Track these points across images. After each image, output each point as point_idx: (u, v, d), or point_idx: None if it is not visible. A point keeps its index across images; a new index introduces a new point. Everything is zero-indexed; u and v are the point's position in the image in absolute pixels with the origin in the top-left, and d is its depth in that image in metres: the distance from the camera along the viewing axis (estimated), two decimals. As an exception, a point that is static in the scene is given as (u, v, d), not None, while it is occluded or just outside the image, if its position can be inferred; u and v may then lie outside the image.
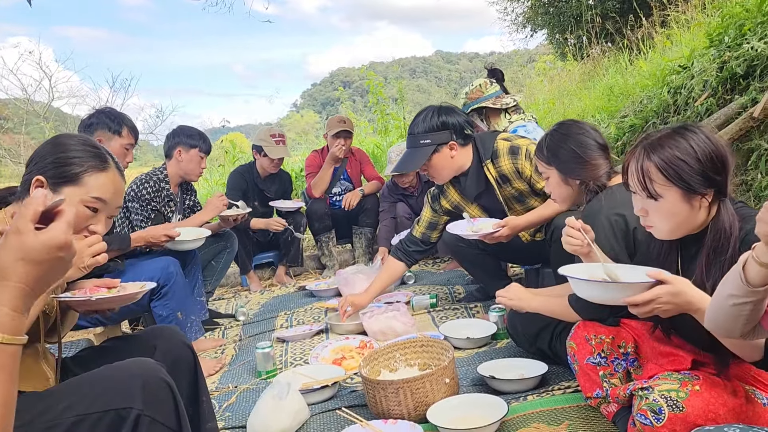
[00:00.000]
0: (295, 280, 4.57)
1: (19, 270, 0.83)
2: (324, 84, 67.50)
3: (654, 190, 1.50)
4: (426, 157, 2.77)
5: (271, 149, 4.31)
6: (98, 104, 12.18)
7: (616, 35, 8.25)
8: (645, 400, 1.44)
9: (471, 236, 2.77)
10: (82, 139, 1.60)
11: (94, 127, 2.90)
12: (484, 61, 6.98)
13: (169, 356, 1.66)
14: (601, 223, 1.93)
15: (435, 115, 2.78)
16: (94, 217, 1.54)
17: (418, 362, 2.31)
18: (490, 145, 2.81)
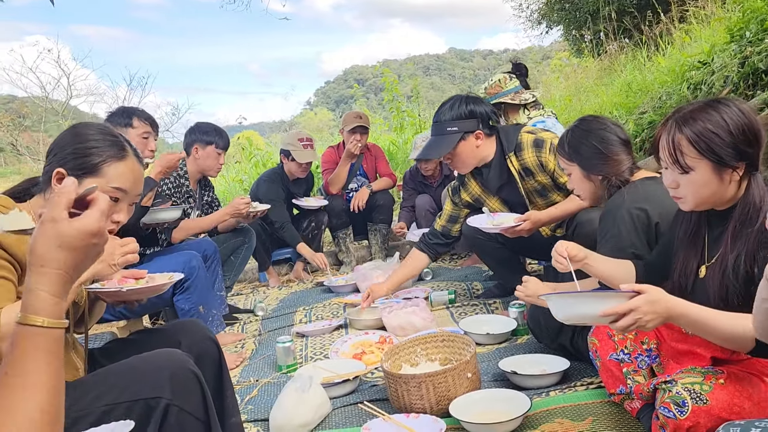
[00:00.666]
0: (312, 276, 4.59)
1: (56, 256, 0.85)
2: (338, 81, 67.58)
3: (685, 163, 1.50)
4: (452, 144, 2.76)
5: (299, 154, 4.29)
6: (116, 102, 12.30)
7: (633, 31, 8.19)
8: (668, 393, 1.44)
9: (491, 230, 2.77)
10: (100, 128, 1.61)
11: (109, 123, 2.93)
12: (499, 59, 6.95)
13: (194, 350, 1.68)
14: (623, 217, 1.92)
15: (463, 103, 2.78)
16: (115, 206, 1.55)
17: (439, 357, 2.32)
18: (514, 137, 2.80)
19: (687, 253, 1.67)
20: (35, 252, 0.85)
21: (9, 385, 0.80)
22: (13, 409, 0.79)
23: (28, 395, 0.80)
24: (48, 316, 0.84)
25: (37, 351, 0.83)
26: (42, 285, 0.85)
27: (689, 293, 1.64)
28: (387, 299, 3.31)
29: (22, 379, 0.81)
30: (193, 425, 1.40)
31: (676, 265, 1.70)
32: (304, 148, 4.31)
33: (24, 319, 0.83)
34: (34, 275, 0.85)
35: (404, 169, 5.91)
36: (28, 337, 0.83)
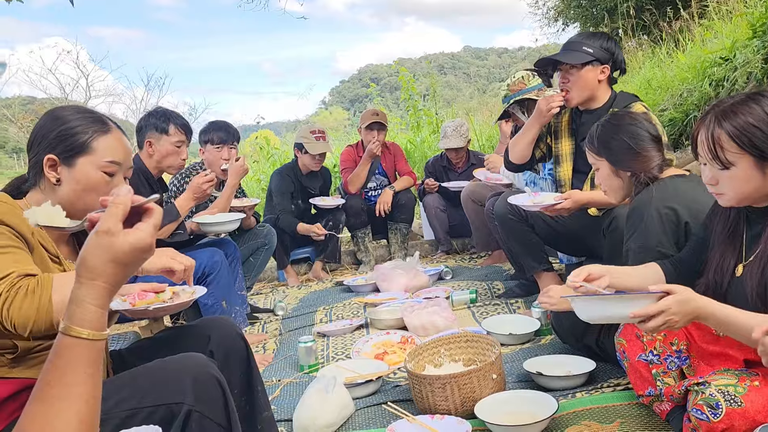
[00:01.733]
0: (331, 275, 4.59)
1: (108, 271, 0.85)
2: (352, 81, 67.63)
3: (726, 159, 1.47)
4: (582, 59, 2.68)
5: (312, 145, 4.33)
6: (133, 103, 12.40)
7: (652, 28, 8.10)
8: (701, 395, 1.41)
9: (531, 208, 2.70)
10: (76, 107, 1.61)
11: (144, 131, 2.93)
12: (514, 56, 6.93)
13: (222, 346, 1.68)
14: (651, 216, 1.89)
15: (605, 38, 2.74)
16: (111, 181, 1.54)
17: (462, 358, 2.30)
18: (628, 100, 2.71)
19: (724, 250, 1.64)
20: (88, 264, 0.84)
21: (51, 396, 0.80)
22: (54, 419, 0.79)
23: (68, 406, 0.80)
24: (92, 328, 0.84)
25: (80, 362, 0.83)
26: (91, 298, 0.84)
27: (724, 292, 1.61)
28: (408, 299, 3.31)
29: (64, 390, 0.81)
30: (215, 431, 1.40)
31: (712, 263, 1.67)
32: (317, 140, 4.34)
33: (69, 330, 0.83)
34: (84, 287, 0.84)
35: (422, 167, 5.91)
36: (73, 348, 0.83)
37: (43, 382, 0.81)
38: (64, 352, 0.82)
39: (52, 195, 1.51)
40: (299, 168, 4.47)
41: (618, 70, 2.77)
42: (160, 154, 2.89)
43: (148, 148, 2.90)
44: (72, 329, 0.83)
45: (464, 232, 4.66)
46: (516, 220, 2.97)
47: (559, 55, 2.74)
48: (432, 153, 6.79)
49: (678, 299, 1.37)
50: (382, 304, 3.30)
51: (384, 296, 3.52)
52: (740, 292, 1.51)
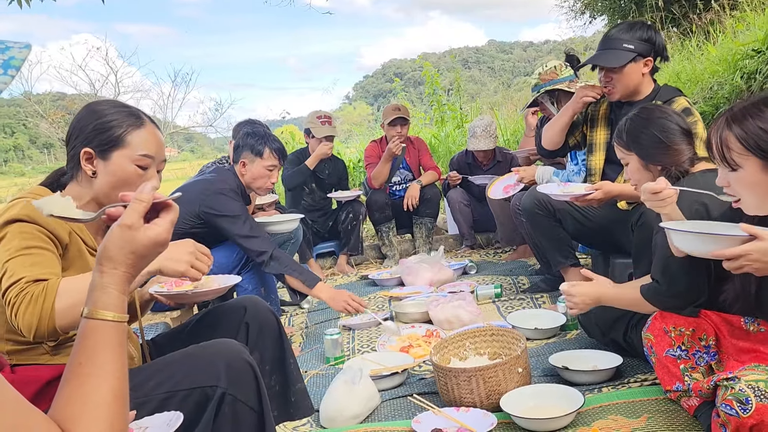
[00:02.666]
0: (356, 269, 4.62)
1: (128, 261, 0.93)
2: (376, 76, 67.59)
3: (732, 160, 1.48)
4: (625, 60, 2.62)
5: (317, 129, 4.41)
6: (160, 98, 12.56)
7: (681, 20, 7.96)
8: (731, 390, 1.40)
9: (561, 197, 2.67)
10: (112, 102, 1.64)
11: (240, 150, 3.01)
12: (539, 50, 6.88)
13: (257, 318, 1.75)
14: (681, 211, 1.87)
15: (643, 28, 2.69)
16: (145, 174, 1.57)
17: (488, 351, 2.31)
18: (671, 93, 2.68)
19: None
20: (109, 254, 0.92)
21: (84, 374, 0.86)
22: (90, 395, 0.85)
23: (102, 382, 0.86)
24: (116, 311, 0.91)
25: (108, 343, 0.89)
26: (114, 284, 0.92)
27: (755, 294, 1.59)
28: (433, 293, 3.32)
29: (96, 368, 0.87)
30: (247, 414, 1.44)
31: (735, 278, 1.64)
32: (322, 124, 4.42)
33: (95, 314, 0.90)
34: (107, 276, 0.92)
35: (446, 162, 5.90)
36: (99, 330, 0.89)
37: (75, 363, 0.87)
38: (92, 334, 0.89)
39: (88, 187, 1.55)
40: (309, 154, 4.52)
41: (660, 58, 2.72)
42: (252, 175, 3.00)
43: (242, 168, 3.02)
44: (98, 313, 0.90)
45: (489, 227, 4.65)
46: (543, 214, 2.95)
47: (600, 59, 2.69)
48: (457, 148, 6.77)
49: (761, 247, 1.39)
50: (407, 298, 3.32)
51: (409, 290, 3.54)
52: None
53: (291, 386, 1.80)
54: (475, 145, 4.53)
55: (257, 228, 2.92)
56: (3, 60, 0.81)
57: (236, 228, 2.84)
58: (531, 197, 2.97)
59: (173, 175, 12.91)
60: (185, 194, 2.90)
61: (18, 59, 0.82)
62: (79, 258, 1.51)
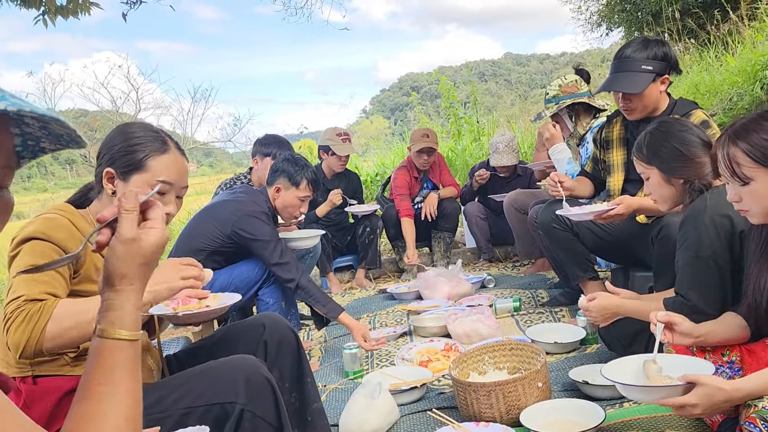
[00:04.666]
0: (374, 283, 4.63)
1: (140, 272, 0.91)
2: (393, 90, 67.88)
3: (743, 174, 1.49)
4: (646, 84, 2.60)
5: (339, 147, 4.41)
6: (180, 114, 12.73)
7: (699, 31, 7.92)
8: (754, 407, 1.38)
9: (584, 216, 2.61)
10: (143, 124, 1.68)
11: (277, 174, 3.06)
12: (555, 62, 6.86)
13: (275, 335, 1.76)
14: (705, 224, 1.86)
15: (658, 45, 2.67)
16: (162, 198, 1.59)
17: (507, 366, 2.30)
18: (688, 107, 2.66)
19: (760, 268, 1.61)
20: (121, 272, 0.90)
21: (100, 393, 0.85)
22: (104, 416, 0.84)
23: (116, 402, 0.85)
24: (131, 329, 0.90)
25: (125, 362, 0.88)
26: (130, 300, 0.90)
27: (764, 310, 1.59)
28: (451, 307, 3.32)
29: (112, 387, 0.86)
30: (266, 430, 1.45)
31: (750, 283, 1.64)
32: (343, 142, 4.43)
33: (112, 333, 0.88)
34: (123, 293, 0.90)
35: (464, 175, 5.91)
36: (116, 350, 0.88)
37: (92, 382, 0.86)
38: (109, 354, 0.88)
39: (109, 206, 1.59)
40: (323, 171, 4.54)
41: (674, 72, 2.70)
42: (284, 202, 3.06)
43: (275, 192, 3.07)
44: (115, 332, 0.88)
45: (506, 240, 4.64)
46: (561, 228, 2.94)
47: (619, 84, 2.65)
48: (473, 161, 6.78)
49: (703, 393, 1.42)
50: (425, 312, 3.32)
51: (427, 304, 3.54)
52: None
53: (308, 405, 1.81)
54: (498, 161, 4.51)
55: (287, 253, 2.95)
56: None
57: (267, 253, 2.88)
58: (548, 211, 2.96)
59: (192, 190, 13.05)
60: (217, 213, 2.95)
61: None
62: (96, 273, 1.53)
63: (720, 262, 1.84)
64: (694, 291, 1.86)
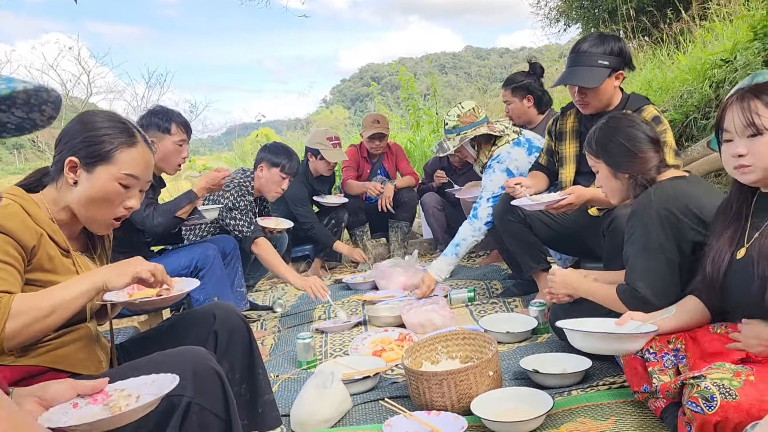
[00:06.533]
0: (330, 273, 4.60)
1: None
2: (353, 80, 67.59)
3: (761, 124, 1.52)
4: (602, 79, 2.63)
5: (330, 153, 4.30)
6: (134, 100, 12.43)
7: (652, 29, 8.11)
8: (697, 387, 1.42)
9: (535, 207, 2.65)
10: (109, 115, 1.62)
11: (145, 129, 2.92)
12: (515, 56, 6.92)
13: (226, 325, 1.73)
14: (651, 218, 1.90)
15: (614, 40, 2.69)
16: (125, 193, 1.56)
17: (459, 355, 2.32)
18: (640, 102, 2.70)
19: (723, 241, 1.67)
20: None
21: None
22: None
23: None
24: None
25: None
26: None
27: (722, 280, 1.64)
28: (406, 297, 3.32)
29: None
30: (214, 423, 1.42)
31: (709, 254, 1.70)
32: (334, 147, 4.34)
33: None
34: None
35: (422, 166, 5.92)
36: None
37: None
38: None
39: (66, 195, 1.53)
40: (310, 172, 4.47)
41: (627, 67, 2.75)
42: (162, 152, 2.91)
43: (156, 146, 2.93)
44: None
45: (463, 231, 4.67)
46: (514, 220, 2.97)
47: (576, 78, 2.68)
48: (431, 152, 6.80)
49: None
50: (381, 302, 3.32)
51: (382, 294, 3.54)
52: (742, 276, 1.56)
53: (259, 397, 1.78)
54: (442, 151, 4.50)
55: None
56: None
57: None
58: (502, 202, 2.99)
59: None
60: None
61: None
62: (48, 261, 1.48)
63: (668, 255, 1.88)
64: (643, 283, 1.90)
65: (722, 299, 1.68)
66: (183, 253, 2.93)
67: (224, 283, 3.03)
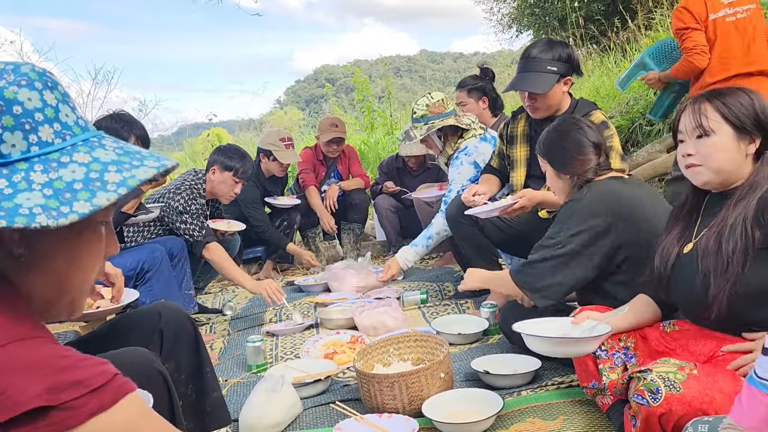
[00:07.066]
0: (282, 275, 4.54)
1: None
2: (308, 81, 67.12)
3: (708, 126, 1.58)
4: (550, 84, 2.66)
5: (283, 154, 4.26)
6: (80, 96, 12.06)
7: (600, 37, 8.34)
8: (643, 381, 1.45)
9: (490, 213, 2.69)
10: None
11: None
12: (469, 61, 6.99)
13: (172, 325, 1.68)
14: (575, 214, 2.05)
15: (562, 46, 2.73)
16: None
17: (411, 357, 2.31)
18: (588, 108, 2.75)
19: (673, 237, 1.72)
20: None
21: None
22: None
23: None
24: None
25: None
26: None
27: (669, 274, 1.69)
28: (359, 299, 3.31)
29: None
30: None
31: (658, 249, 1.74)
32: (287, 148, 4.28)
33: None
34: None
35: (375, 168, 5.92)
36: None
37: None
38: None
39: None
40: (262, 173, 4.40)
41: (575, 73, 2.81)
42: None
43: None
44: None
45: (416, 233, 4.64)
46: (467, 223, 3.00)
47: (526, 84, 2.72)
48: (386, 154, 6.81)
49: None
50: (333, 304, 3.29)
51: (335, 296, 3.51)
52: (687, 271, 1.61)
53: (207, 395, 1.75)
54: (407, 150, 4.53)
55: None
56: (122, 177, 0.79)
57: None
58: (454, 205, 3.01)
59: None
60: None
61: (137, 180, 0.79)
62: None
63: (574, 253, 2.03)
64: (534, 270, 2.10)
65: (668, 295, 1.73)
66: (129, 255, 2.83)
67: (172, 285, 2.95)
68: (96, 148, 0.82)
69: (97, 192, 0.77)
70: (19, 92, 0.78)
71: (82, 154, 0.80)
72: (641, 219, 2.00)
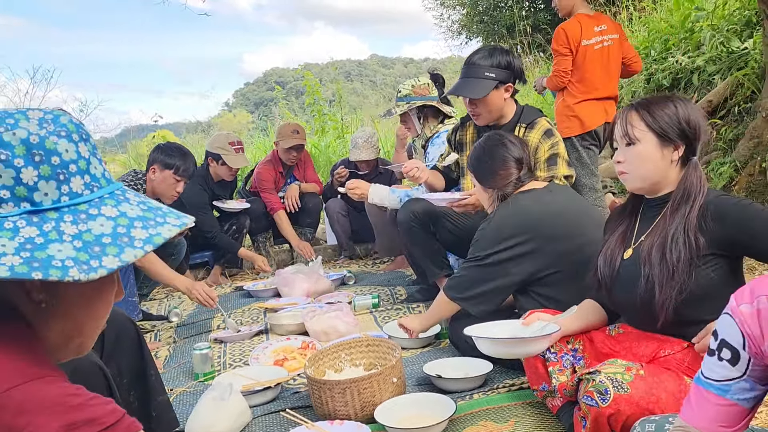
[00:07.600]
0: (230, 280, 4.45)
1: None
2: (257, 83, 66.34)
3: (633, 135, 1.63)
4: (487, 90, 2.69)
5: (232, 158, 4.17)
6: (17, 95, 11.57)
7: (547, 46, 8.53)
8: (592, 382, 1.48)
9: (440, 201, 2.81)
10: None
11: None
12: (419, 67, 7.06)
13: (113, 327, 1.62)
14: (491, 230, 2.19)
15: (503, 54, 2.75)
16: None
17: (363, 362, 2.29)
18: (534, 114, 2.79)
19: (613, 243, 1.75)
20: None
21: None
22: None
23: None
24: None
25: None
26: None
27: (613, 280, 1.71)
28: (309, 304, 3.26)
29: None
30: None
31: (600, 257, 1.77)
32: (236, 152, 4.20)
33: None
34: None
35: (327, 171, 5.89)
36: None
37: None
38: None
39: None
40: (210, 176, 4.29)
41: (519, 81, 2.85)
42: None
43: None
44: None
45: (367, 237, 4.66)
46: (418, 227, 3.01)
47: (463, 89, 2.77)
48: (337, 158, 6.78)
49: None
50: (283, 310, 3.23)
51: (285, 301, 3.46)
52: (627, 276, 1.66)
53: (152, 400, 1.69)
54: (357, 155, 4.52)
55: None
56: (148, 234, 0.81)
57: None
58: (406, 210, 3.01)
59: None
60: None
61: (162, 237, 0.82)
62: None
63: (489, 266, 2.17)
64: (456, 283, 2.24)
65: (610, 298, 1.76)
66: None
67: None
68: (122, 202, 0.85)
69: (125, 248, 0.79)
70: (59, 143, 0.81)
71: (110, 208, 0.83)
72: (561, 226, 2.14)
